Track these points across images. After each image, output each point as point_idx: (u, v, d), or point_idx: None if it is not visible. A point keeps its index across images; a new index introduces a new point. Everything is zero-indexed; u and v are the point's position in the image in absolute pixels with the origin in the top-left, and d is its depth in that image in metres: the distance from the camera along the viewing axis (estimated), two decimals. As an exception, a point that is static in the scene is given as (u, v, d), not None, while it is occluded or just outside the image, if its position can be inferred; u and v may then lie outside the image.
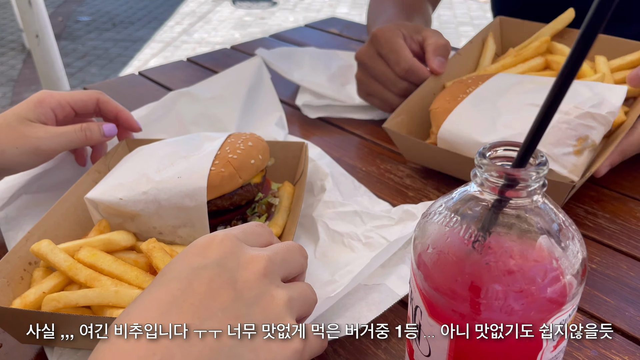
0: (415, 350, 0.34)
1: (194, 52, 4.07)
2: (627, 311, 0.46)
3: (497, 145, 0.30)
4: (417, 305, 0.32)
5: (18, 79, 3.52)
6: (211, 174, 0.51)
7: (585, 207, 0.60)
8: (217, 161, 0.52)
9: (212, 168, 0.51)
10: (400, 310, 0.48)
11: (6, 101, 3.20)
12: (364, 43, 0.79)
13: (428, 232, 0.31)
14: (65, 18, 4.87)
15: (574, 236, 0.30)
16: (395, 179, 0.67)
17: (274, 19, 4.81)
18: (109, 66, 3.80)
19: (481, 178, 0.28)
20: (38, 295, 0.43)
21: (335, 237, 0.54)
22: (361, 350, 0.44)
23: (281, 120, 0.78)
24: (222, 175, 0.51)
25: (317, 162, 0.65)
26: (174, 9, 5.18)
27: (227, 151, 0.54)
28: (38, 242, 0.45)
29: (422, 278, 0.30)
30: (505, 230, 0.29)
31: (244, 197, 0.54)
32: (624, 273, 0.51)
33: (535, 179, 0.27)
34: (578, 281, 0.29)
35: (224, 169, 0.51)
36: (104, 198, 0.51)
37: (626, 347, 0.43)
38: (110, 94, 0.65)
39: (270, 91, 0.82)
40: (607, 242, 0.55)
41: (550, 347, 0.29)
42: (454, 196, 0.31)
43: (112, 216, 0.52)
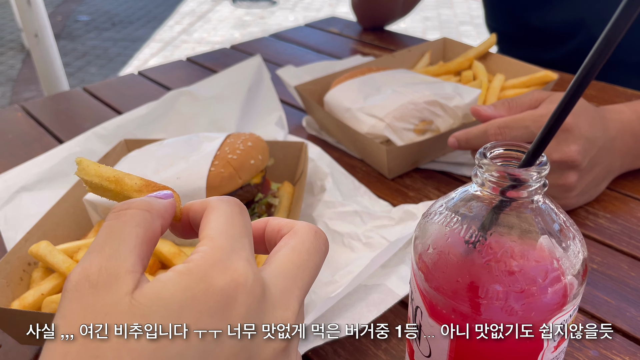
0: (415, 351, 0.34)
1: (194, 51, 4.07)
2: (627, 311, 0.46)
3: (497, 145, 0.29)
4: (417, 306, 0.32)
5: (17, 79, 3.52)
6: (210, 175, 0.50)
7: (586, 207, 0.60)
8: (216, 162, 0.52)
9: (212, 169, 0.51)
10: (400, 310, 0.48)
11: (5, 101, 3.19)
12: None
13: (428, 232, 0.31)
14: (64, 17, 4.87)
15: (575, 236, 0.30)
16: (395, 179, 0.67)
17: (273, 18, 4.81)
18: (109, 66, 3.80)
19: (482, 178, 0.28)
20: (37, 297, 0.43)
21: (335, 237, 0.54)
22: (361, 351, 0.44)
23: (281, 120, 0.78)
24: (221, 176, 0.51)
25: (317, 162, 0.65)
26: (174, 9, 5.17)
27: (227, 151, 0.53)
28: (37, 244, 0.45)
29: (422, 278, 0.30)
30: (506, 230, 0.29)
31: (244, 197, 0.54)
32: (625, 273, 0.50)
33: (536, 179, 0.27)
34: (579, 281, 0.29)
35: (223, 169, 0.51)
36: (103, 199, 0.51)
37: (627, 347, 0.43)
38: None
39: (270, 91, 0.82)
40: (608, 242, 0.55)
41: (551, 348, 0.29)
42: (455, 196, 0.31)
43: None
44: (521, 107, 0.57)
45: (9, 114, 0.89)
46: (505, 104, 0.58)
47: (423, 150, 0.66)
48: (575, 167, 0.53)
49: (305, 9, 5.05)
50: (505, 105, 0.57)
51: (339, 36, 1.23)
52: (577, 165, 0.53)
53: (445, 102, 0.65)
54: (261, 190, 0.57)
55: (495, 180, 0.28)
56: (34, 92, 3.29)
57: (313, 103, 0.74)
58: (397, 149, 0.64)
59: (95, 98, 0.94)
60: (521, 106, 0.57)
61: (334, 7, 5.08)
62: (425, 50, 0.92)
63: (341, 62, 0.93)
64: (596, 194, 0.60)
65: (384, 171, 0.67)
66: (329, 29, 1.27)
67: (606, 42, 0.23)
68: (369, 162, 0.70)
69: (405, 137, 0.65)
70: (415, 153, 0.66)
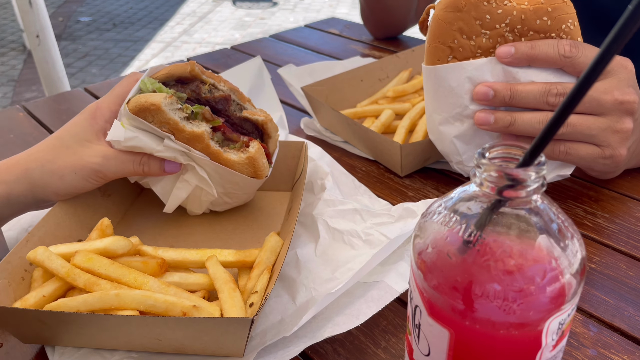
0: (414, 350, 0.34)
1: (194, 52, 4.07)
2: (626, 311, 0.46)
3: (496, 145, 0.30)
4: (416, 305, 0.32)
5: (19, 79, 3.52)
6: None
7: (584, 207, 0.60)
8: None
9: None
10: (399, 309, 0.48)
11: (7, 101, 3.20)
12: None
13: (427, 231, 0.31)
14: (65, 18, 4.87)
15: (573, 236, 0.30)
16: (394, 179, 0.68)
17: (274, 19, 4.81)
18: (110, 66, 3.80)
19: (480, 178, 0.28)
20: (38, 299, 0.43)
21: (335, 235, 0.54)
22: (361, 349, 0.44)
23: (282, 120, 0.78)
24: None
25: (317, 161, 0.65)
26: (175, 10, 5.18)
27: None
28: (33, 250, 0.45)
29: (421, 278, 0.30)
30: (505, 229, 0.29)
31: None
32: (623, 273, 0.51)
33: (534, 178, 0.27)
34: (577, 281, 0.29)
35: None
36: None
37: (625, 346, 0.43)
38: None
39: (270, 91, 0.82)
40: (606, 242, 0.55)
41: (549, 347, 0.30)
42: (453, 196, 0.31)
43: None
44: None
45: (10, 114, 0.90)
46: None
47: (435, 147, 0.65)
48: (632, 113, 0.51)
49: (305, 10, 5.06)
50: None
51: (339, 37, 1.23)
52: (634, 111, 0.50)
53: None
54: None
55: (494, 180, 0.28)
56: (36, 92, 3.30)
57: (322, 103, 0.74)
58: (410, 146, 0.64)
59: (96, 98, 0.94)
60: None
61: (334, 8, 5.09)
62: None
63: (341, 63, 0.93)
64: (634, 163, 0.58)
65: (396, 169, 0.67)
66: (329, 29, 1.27)
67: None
68: (381, 160, 0.70)
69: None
70: (427, 150, 0.66)
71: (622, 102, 0.50)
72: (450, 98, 0.56)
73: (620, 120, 0.51)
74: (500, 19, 0.52)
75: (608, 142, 0.52)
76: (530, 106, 0.53)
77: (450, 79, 0.55)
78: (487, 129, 0.54)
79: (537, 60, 0.51)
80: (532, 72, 0.53)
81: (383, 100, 0.81)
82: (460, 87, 0.55)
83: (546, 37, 0.52)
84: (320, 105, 0.75)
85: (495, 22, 0.53)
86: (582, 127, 0.51)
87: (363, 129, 0.68)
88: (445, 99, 0.57)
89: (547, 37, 0.52)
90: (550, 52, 0.51)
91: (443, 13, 0.54)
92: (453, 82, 0.55)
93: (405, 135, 0.71)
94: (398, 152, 0.64)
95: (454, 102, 0.56)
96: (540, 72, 0.53)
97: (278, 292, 0.49)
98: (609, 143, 0.52)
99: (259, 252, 0.49)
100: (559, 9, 0.52)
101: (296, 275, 0.50)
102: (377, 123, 0.73)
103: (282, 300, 0.48)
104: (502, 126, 0.53)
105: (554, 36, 0.52)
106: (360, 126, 0.69)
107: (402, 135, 0.70)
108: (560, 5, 0.52)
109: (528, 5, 0.52)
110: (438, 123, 0.59)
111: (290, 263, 0.52)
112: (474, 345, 0.30)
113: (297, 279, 0.50)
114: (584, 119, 0.52)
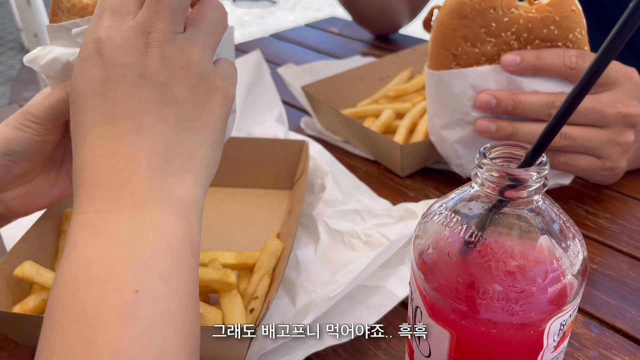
0: (415, 351, 0.33)
1: (194, 51, 4.06)
2: (628, 311, 0.46)
3: (497, 145, 0.29)
4: (417, 306, 0.32)
5: (17, 79, 3.52)
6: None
7: (585, 207, 0.60)
8: None
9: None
10: (400, 310, 0.48)
11: (5, 101, 3.20)
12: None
13: (428, 232, 0.31)
14: (64, 17, 4.87)
15: (575, 236, 0.29)
16: (395, 179, 0.67)
17: (273, 18, 4.81)
18: (109, 65, 3.79)
19: (482, 178, 0.28)
20: (38, 302, 0.43)
21: (335, 236, 0.54)
22: (361, 351, 0.44)
23: (281, 116, 0.77)
24: None
25: (317, 159, 0.65)
26: (174, 9, 5.17)
27: None
28: (20, 266, 0.44)
29: (422, 279, 0.30)
30: (506, 230, 0.29)
31: None
32: (625, 273, 0.50)
33: (536, 179, 0.27)
34: (579, 281, 0.29)
35: None
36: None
37: (627, 347, 0.43)
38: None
39: (270, 87, 0.82)
40: (608, 243, 0.55)
41: (550, 348, 0.29)
42: (454, 196, 0.31)
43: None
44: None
45: (8, 114, 0.89)
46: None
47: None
48: (635, 126, 0.51)
49: (305, 9, 5.05)
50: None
51: (339, 36, 1.23)
52: (637, 124, 0.50)
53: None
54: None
55: (495, 180, 0.28)
56: (34, 91, 3.29)
57: (322, 102, 0.74)
58: (411, 146, 0.64)
59: (95, 98, 0.93)
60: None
61: (334, 7, 5.08)
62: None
63: (341, 62, 0.93)
64: (635, 165, 0.58)
65: (397, 169, 0.67)
66: (329, 28, 1.27)
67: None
68: (381, 160, 0.70)
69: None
70: (428, 150, 0.65)
71: (626, 115, 0.50)
72: (452, 104, 0.56)
73: (622, 133, 0.51)
74: (507, 27, 0.52)
75: (608, 154, 0.52)
76: (533, 117, 0.52)
77: (453, 85, 0.55)
78: (489, 137, 0.54)
79: (542, 70, 0.51)
80: (536, 82, 0.53)
81: (383, 99, 0.80)
82: (462, 93, 0.54)
83: (552, 45, 0.52)
84: (320, 104, 0.75)
85: (501, 30, 0.52)
86: (583, 140, 0.51)
87: (363, 129, 0.68)
88: (447, 105, 0.56)
89: (553, 45, 0.52)
90: (556, 62, 0.50)
91: (447, 19, 0.53)
92: (456, 89, 0.55)
93: (406, 135, 0.70)
94: (398, 153, 0.64)
95: (455, 108, 0.56)
96: (545, 82, 0.53)
97: (278, 294, 0.49)
98: (609, 155, 0.52)
99: (260, 255, 0.49)
100: (568, 18, 0.51)
101: (296, 277, 0.50)
102: (377, 123, 0.73)
103: (282, 303, 0.48)
104: (504, 135, 0.53)
105: (561, 45, 0.52)
106: (361, 126, 0.68)
107: (403, 135, 0.70)
108: (569, 14, 0.51)
109: (535, 13, 0.51)
110: (439, 127, 0.59)
111: (290, 265, 0.51)
112: (475, 346, 0.29)
113: (297, 281, 0.49)
114: (585, 131, 0.51)
